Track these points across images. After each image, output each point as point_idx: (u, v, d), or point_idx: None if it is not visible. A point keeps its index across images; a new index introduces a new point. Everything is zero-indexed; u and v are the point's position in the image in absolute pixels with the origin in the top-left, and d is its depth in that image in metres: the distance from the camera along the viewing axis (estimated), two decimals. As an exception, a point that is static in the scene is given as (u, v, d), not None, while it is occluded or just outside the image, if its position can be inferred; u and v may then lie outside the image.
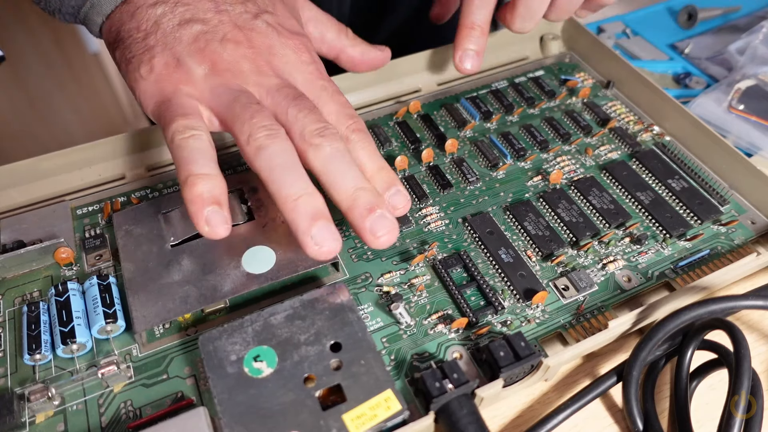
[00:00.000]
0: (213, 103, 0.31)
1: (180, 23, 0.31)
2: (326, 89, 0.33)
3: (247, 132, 0.29)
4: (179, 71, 0.31)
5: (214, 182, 0.28)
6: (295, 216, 0.28)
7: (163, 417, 0.27)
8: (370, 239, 0.29)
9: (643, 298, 0.33)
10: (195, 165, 0.28)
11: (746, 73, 0.48)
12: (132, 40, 0.32)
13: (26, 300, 0.32)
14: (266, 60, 0.32)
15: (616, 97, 0.45)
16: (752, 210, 0.37)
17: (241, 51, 0.31)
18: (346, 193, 0.29)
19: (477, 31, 0.40)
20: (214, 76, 0.31)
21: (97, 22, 0.33)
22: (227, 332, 0.28)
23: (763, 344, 0.33)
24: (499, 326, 0.31)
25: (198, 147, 0.29)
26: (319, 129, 0.29)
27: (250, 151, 0.28)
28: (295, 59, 0.33)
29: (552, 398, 0.31)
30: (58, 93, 1.27)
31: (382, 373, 0.27)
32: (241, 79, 0.31)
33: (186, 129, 0.29)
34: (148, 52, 0.31)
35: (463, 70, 0.41)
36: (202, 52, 0.31)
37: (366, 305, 0.32)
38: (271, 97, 0.31)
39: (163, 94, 0.31)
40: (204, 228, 0.27)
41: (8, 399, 0.27)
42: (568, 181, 0.39)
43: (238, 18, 0.32)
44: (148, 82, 0.31)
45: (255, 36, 0.32)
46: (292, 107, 0.30)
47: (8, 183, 0.37)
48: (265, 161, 0.28)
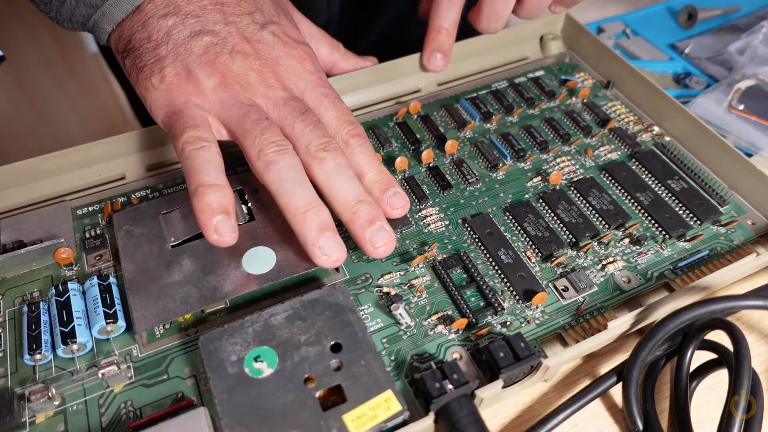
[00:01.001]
0: (223, 116, 0.32)
1: (191, 35, 0.32)
2: (328, 96, 0.34)
3: (258, 147, 0.30)
4: (190, 83, 0.32)
5: (223, 192, 0.29)
6: (303, 228, 0.30)
7: (164, 417, 0.27)
8: (370, 249, 0.31)
9: (643, 299, 0.33)
10: (205, 175, 0.29)
11: (746, 73, 0.48)
12: (143, 49, 0.32)
13: (26, 300, 0.32)
14: (272, 71, 0.33)
15: (616, 98, 0.45)
16: (752, 210, 0.37)
17: (249, 63, 0.33)
18: (348, 205, 0.31)
19: (443, 34, 0.43)
20: (224, 89, 0.32)
21: (107, 30, 0.34)
22: (228, 333, 0.28)
23: (763, 344, 0.33)
24: (498, 327, 0.31)
25: (207, 158, 0.30)
26: (323, 144, 0.31)
27: (260, 166, 0.30)
28: (299, 69, 0.34)
29: (552, 398, 0.31)
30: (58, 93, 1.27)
31: (382, 374, 0.27)
32: (249, 92, 0.32)
33: (196, 140, 0.30)
34: (159, 62, 0.32)
35: (431, 70, 0.45)
36: (212, 64, 0.32)
37: (366, 306, 0.32)
38: (278, 110, 0.32)
39: (174, 104, 0.32)
40: (213, 236, 0.29)
41: (8, 399, 0.27)
42: (567, 182, 0.39)
43: (245, 29, 0.34)
44: (159, 91, 0.32)
45: (262, 48, 0.34)
46: (298, 122, 0.32)
47: (8, 183, 0.37)
48: (275, 176, 0.30)
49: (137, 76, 0.33)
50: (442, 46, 0.43)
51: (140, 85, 0.33)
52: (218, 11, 0.33)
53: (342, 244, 0.30)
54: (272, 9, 0.36)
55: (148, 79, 0.32)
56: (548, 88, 0.45)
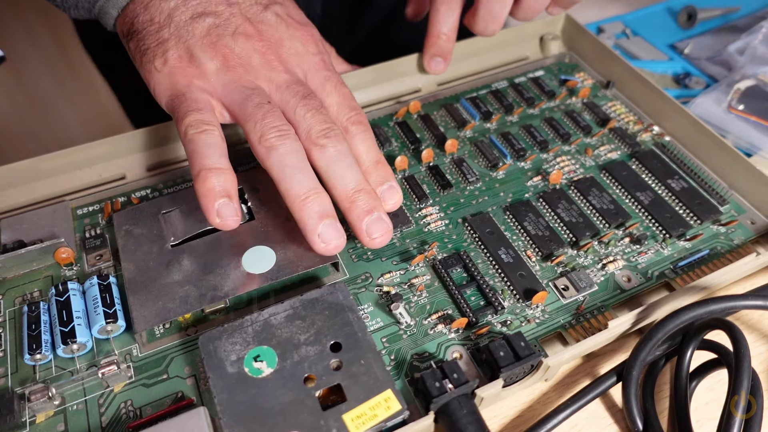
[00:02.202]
0: (225, 99, 0.32)
1: (192, 17, 0.32)
2: (330, 80, 0.34)
3: (260, 131, 0.30)
4: (192, 65, 0.32)
5: (225, 176, 0.29)
6: (303, 214, 0.29)
7: (164, 417, 0.27)
8: (366, 239, 0.31)
9: (643, 298, 0.33)
10: (207, 159, 0.29)
11: (746, 73, 0.48)
12: (146, 32, 0.32)
13: (27, 300, 0.32)
14: (276, 53, 0.33)
15: (615, 98, 0.45)
16: (752, 210, 0.37)
17: (251, 44, 0.32)
18: (346, 193, 0.31)
19: (443, 39, 0.43)
20: (226, 71, 0.32)
21: (113, 15, 0.34)
22: (227, 332, 0.28)
23: (763, 344, 0.33)
24: (498, 326, 0.31)
25: (210, 142, 0.30)
26: (324, 130, 0.31)
27: (261, 151, 0.30)
28: (302, 50, 0.34)
29: (552, 398, 0.31)
30: (58, 93, 1.27)
31: (382, 373, 0.27)
32: (252, 75, 0.32)
33: (199, 123, 0.30)
34: (161, 45, 0.32)
35: (432, 73, 0.45)
36: (214, 47, 0.32)
37: (366, 305, 0.32)
38: (281, 93, 0.32)
39: (177, 87, 0.32)
40: (215, 220, 0.29)
41: (9, 399, 0.27)
42: (567, 181, 0.39)
43: (248, 10, 0.33)
44: (163, 74, 0.32)
45: (265, 29, 0.33)
46: (300, 107, 0.31)
47: (8, 183, 0.37)
48: (276, 160, 0.30)
49: (141, 59, 0.33)
50: (442, 51, 0.43)
51: (144, 69, 0.33)
52: None
53: (341, 232, 0.30)
54: None
55: (151, 63, 0.32)
56: (548, 88, 0.45)
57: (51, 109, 1.28)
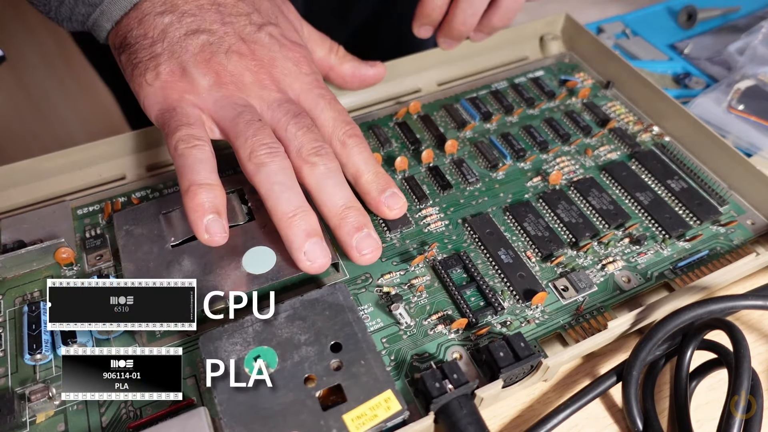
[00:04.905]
0: (216, 115, 0.32)
1: (187, 33, 0.32)
2: (324, 97, 0.34)
3: (249, 148, 0.30)
4: (184, 80, 0.32)
5: (214, 192, 0.29)
6: (290, 232, 0.30)
7: (164, 417, 0.27)
8: (356, 256, 0.31)
9: (643, 299, 0.33)
10: (197, 174, 0.29)
11: (746, 73, 0.48)
12: (139, 46, 0.32)
13: (27, 300, 0.32)
14: (268, 72, 0.33)
15: (615, 98, 0.45)
16: (751, 210, 0.37)
17: (244, 63, 0.33)
18: (336, 210, 0.31)
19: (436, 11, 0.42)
20: (218, 88, 0.32)
21: (106, 28, 0.34)
22: (227, 332, 0.28)
23: (763, 344, 0.33)
24: (498, 327, 0.31)
25: (200, 157, 0.30)
26: (315, 148, 0.31)
27: (250, 167, 0.30)
28: (295, 71, 0.34)
29: (552, 398, 0.31)
30: (58, 93, 1.27)
31: (382, 374, 0.27)
32: (244, 93, 0.32)
33: (190, 138, 0.30)
34: (154, 59, 0.32)
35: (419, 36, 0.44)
36: (207, 63, 0.32)
37: (366, 306, 0.32)
38: (272, 111, 0.32)
39: (168, 101, 0.32)
40: (204, 236, 0.29)
41: (9, 399, 0.27)
42: (567, 182, 0.39)
43: (242, 30, 0.34)
44: (154, 88, 0.32)
45: (258, 48, 0.33)
46: (291, 125, 0.32)
47: (8, 183, 0.37)
48: (265, 177, 0.30)
49: (132, 72, 0.32)
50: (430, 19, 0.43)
51: (134, 82, 0.33)
52: (215, 11, 0.33)
53: (327, 250, 0.30)
54: (270, 10, 0.36)
55: (142, 76, 0.32)
56: (548, 89, 0.45)
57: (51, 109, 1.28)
